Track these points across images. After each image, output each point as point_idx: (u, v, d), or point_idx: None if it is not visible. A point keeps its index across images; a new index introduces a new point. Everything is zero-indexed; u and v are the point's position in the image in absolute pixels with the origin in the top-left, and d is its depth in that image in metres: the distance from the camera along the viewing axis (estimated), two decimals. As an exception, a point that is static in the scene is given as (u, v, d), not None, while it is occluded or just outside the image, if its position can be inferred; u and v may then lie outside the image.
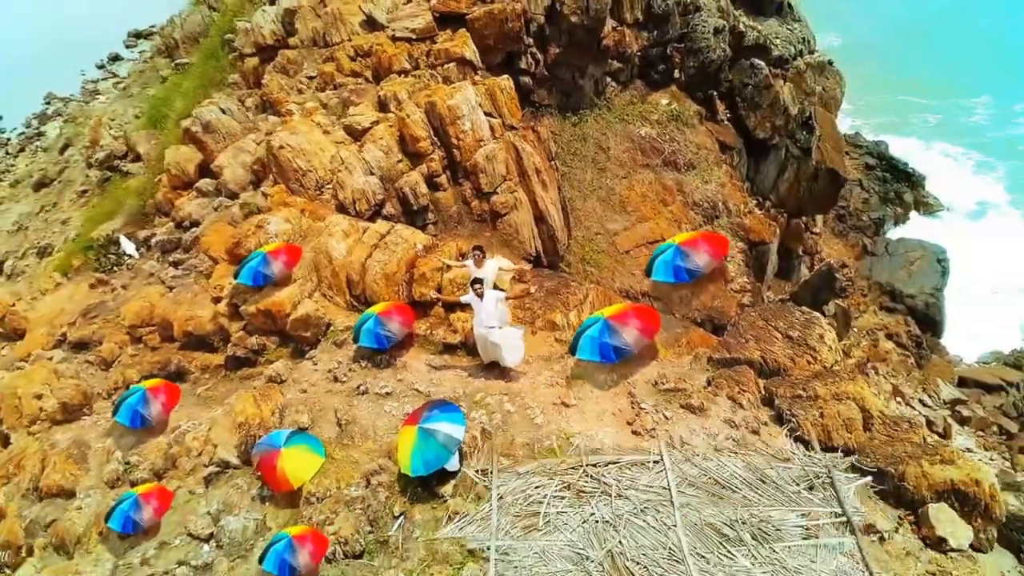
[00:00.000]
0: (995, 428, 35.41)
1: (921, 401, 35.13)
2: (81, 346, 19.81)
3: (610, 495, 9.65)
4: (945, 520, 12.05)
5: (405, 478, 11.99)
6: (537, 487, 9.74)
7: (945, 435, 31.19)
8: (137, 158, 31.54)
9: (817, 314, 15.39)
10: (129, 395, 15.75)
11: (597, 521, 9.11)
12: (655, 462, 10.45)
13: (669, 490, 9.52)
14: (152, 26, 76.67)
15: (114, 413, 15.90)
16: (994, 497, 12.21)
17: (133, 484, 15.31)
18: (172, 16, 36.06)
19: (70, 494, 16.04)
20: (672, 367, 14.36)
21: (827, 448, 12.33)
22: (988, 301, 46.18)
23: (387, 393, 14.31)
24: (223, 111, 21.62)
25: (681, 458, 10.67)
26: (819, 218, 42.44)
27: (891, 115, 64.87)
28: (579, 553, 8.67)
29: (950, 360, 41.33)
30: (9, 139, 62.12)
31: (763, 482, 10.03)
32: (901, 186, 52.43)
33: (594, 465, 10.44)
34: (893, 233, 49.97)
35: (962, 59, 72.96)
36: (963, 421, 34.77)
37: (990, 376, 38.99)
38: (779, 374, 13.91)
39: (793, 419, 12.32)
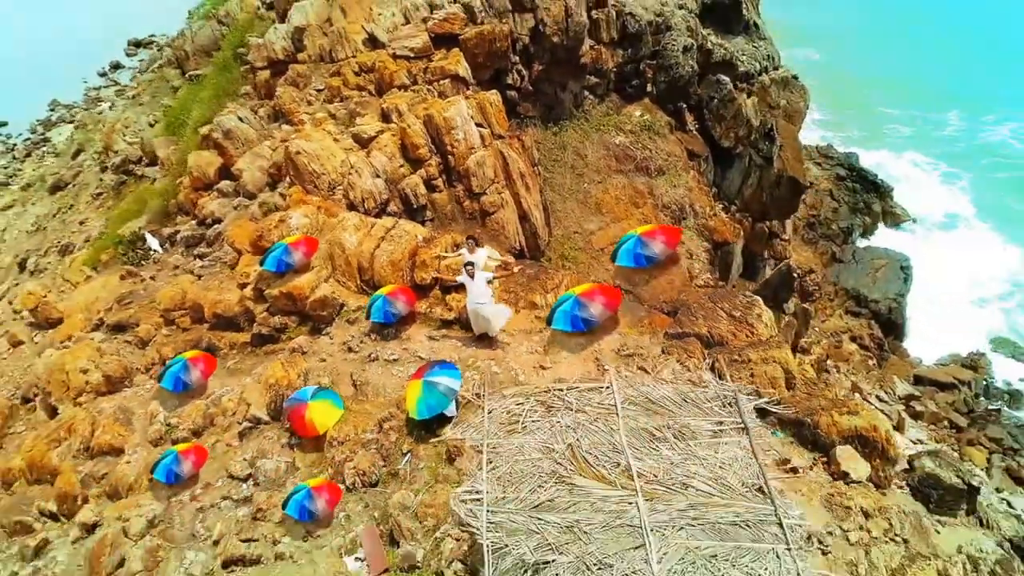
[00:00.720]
0: (946, 422, 38.76)
1: (878, 396, 38.61)
2: (119, 328, 22.49)
3: (571, 409, 12.54)
4: (848, 458, 14.98)
5: (412, 422, 14.81)
6: (518, 404, 12.59)
7: (899, 428, 34.45)
8: (152, 162, 34.23)
9: (757, 297, 18.19)
10: (172, 364, 18.50)
11: (561, 426, 12.02)
12: (606, 387, 13.37)
13: (615, 406, 12.44)
14: (151, 35, 79.68)
15: (159, 380, 18.65)
16: (889, 441, 15.13)
17: (174, 442, 18.04)
18: (183, 30, 38.58)
19: (119, 451, 18.69)
20: (633, 340, 17.22)
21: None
22: (955, 309, 49.09)
23: (394, 360, 17.14)
24: (241, 119, 24.35)
25: (626, 385, 13.58)
26: (788, 225, 45.16)
27: (865, 127, 68.16)
28: (547, 446, 11.57)
29: (910, 361, 44.39)
30: (15, 144, 64.65)
31: (686, 401, 12.98)
32: (870, 197, 55.52)
33: (560, 389, 13.34)
34: (869, 241, 53.22)
35: (934, 73, 76.52)
36: (916, 415, 38.11)
37: (944, 375, 42.34)
38: (722, 345, 16.78)
39: (728, 378, 15.20)
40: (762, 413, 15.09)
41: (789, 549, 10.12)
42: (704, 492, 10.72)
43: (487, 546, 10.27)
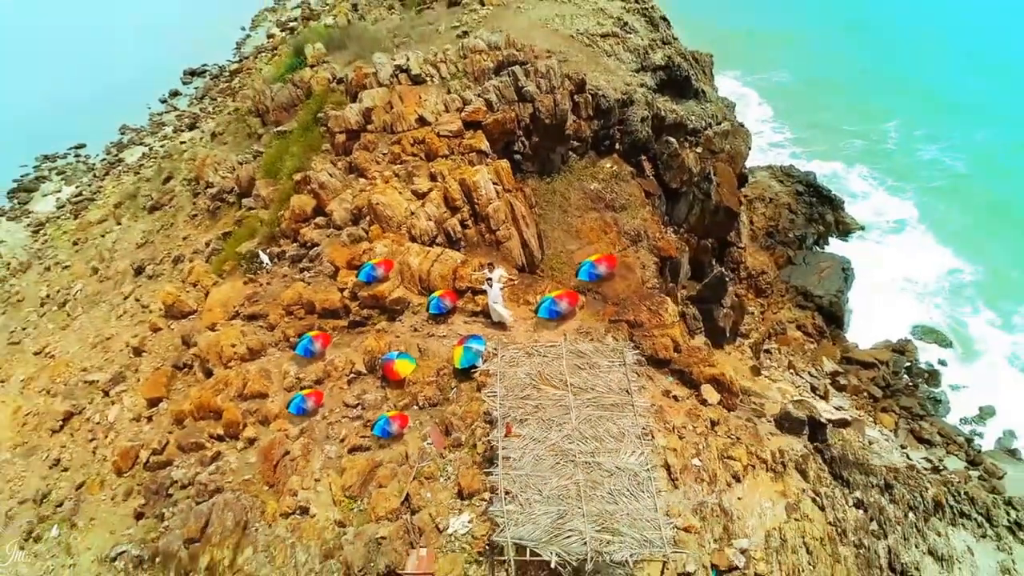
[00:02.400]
0: (865, 394, 49.92)
1: (809, 372, 49.92)
2: (252, 317, 33.51)
3: (541, 356, 23.55)
4: (707, 391, 26.24)
5: (456, 370, 25.99)
6: (514, 353, 23.69)
7: (824, 397, 46.05)
8: (245, 195, 45.01)
9: (667, 297, 29.31)
10: (303, 339, 29.62)
11: (535, 363, 23.07)
12: (559, 345, 24.44)
13: (563, 355, 23.52)
14: (203, 65, 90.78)
15: (293, 348, 29.81)
16: (732, 381, 26.35)
17: (301, 389, 29.16)
18: (267, 88, 49.09)
19: (264, 396, 29.68)
20: (589, 324, 28.42)
21: (653, 360, 26.55)
22: (892, 302, 60.04)
23: (443, 336, 28.33)
24: (330, 175, 35.54)
25: (569, 344, 24.61)
26: (744, 235, 56.17)
27: (824, 142, 79.08)
28: (528, 372, 22.62)
29: (846, 345, 55.44)
30: (95, 164, 75.63)
31: (598, 352, 24.00)
32: (824, 209, 66.38)
33: (536, 346, 24.50)
34: (823, 247, 64.19)
35: (882, 92, 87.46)
36: (841, 388, 49.32)
37: (868, 356, 53.50)
38: (640, 326, 27.95)
39: (637, 344, 26.34)
40: (661, 365, 26.36)
41: (636, 415, 21.25)
42: (599, 391, 21.86)
43: (499, 411, 21.50)
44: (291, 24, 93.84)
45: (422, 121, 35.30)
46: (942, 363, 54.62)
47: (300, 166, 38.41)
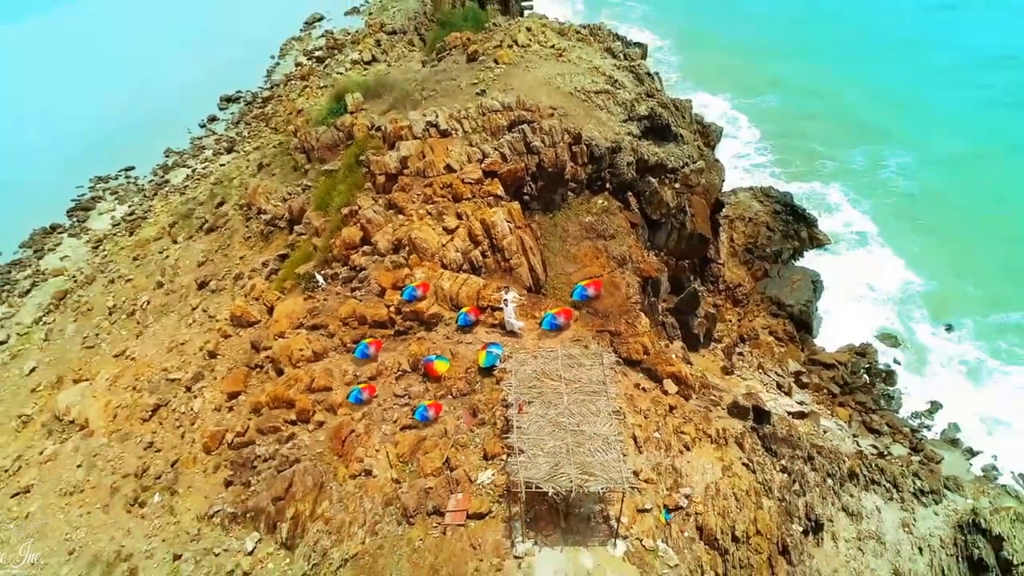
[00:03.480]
0: (825, 391, 58.72)
1: (776, 372, 58.85)
2: (314, 327, 42.58)
3: (543, 358, 32.42)
4: (668, 384, 35.30)
5: (481, 369, 35.10)
6: (524, 356, 32.67)
7: (788, 393, 55.11)
8: (296, 222, 54.01)
9: (641, 313, 38.35)
10: (360, 344, 38.70)
11: (538, 363, 31.85)
12: (557, 350, 33.38)
13: (559, 356, 32.46)
14: (238, 91, 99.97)
15: (354, 352, 38.91)
16: (686, 375, 35.41)
17: (359, 383, 38.20)
18: (312, 129, 57.99)
19: (328, 389, 38.78)
20: (580, 334, 37.52)
21: (629, 361, 35.59)
22: (856, 310, 69.21)
23: (470, 343, 37.38)
24: (375, 212, 44.66)
25: (564, 350, 33.50)
26: (723, 252, 65.15)
27: (804, 163, 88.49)
28: (533, 370, 31.52)
29: (813, 349, 64.29)
30: (144, 186, 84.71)
31: (583, 354, 32.91)
32: (799, 226, 75.27)
33: (540, 351, 33.52)
34: (797, 261, 73.18)
35: (854, 115, 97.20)
36: (803, 386, 58.16)
37: (829, 358, 62.33)
38: (619, 335, 37.02)
39: (616, 349, 35.40)
40: (633, 364, 35.48)
41: (608, 399, 30.28)
42: (583, 382, 30.89)
43: (513, 397, 30.59)
44: (317, 53, 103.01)
45: (449, 168, 44.35)
46: (897, 363, 63.71)
47: (347, 201, 47.49)
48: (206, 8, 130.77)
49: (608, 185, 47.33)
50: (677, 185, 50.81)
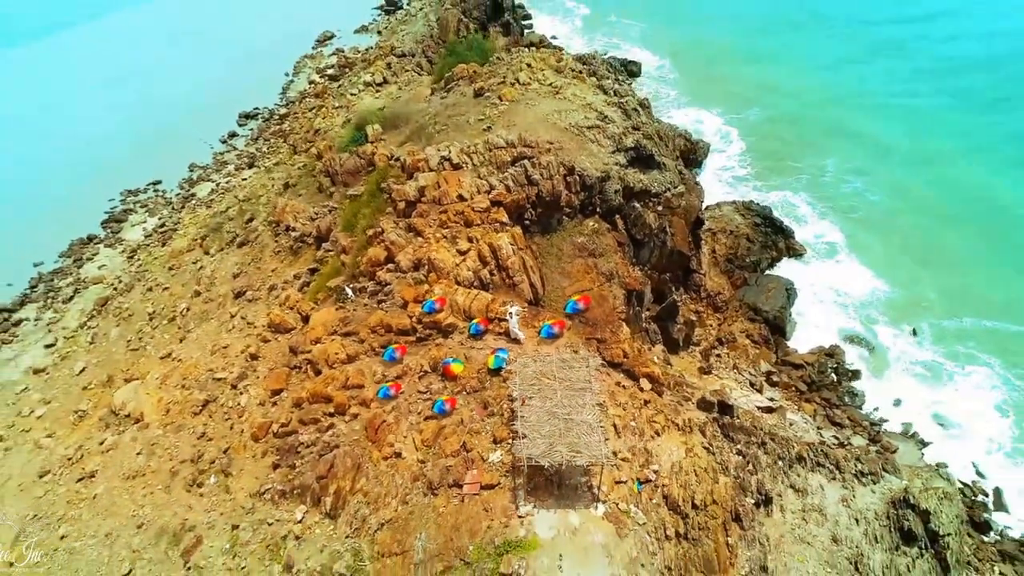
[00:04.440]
0: (794, 388, 66.81)
1: (750, 372, 67.03)
2: (346, 334, 50.84)
3: (541, 362, 40.81)
4: (644, 382, 43.67)
5: (490, 370, 43.41)
6: (526, 360, 40.90)
7: (760, 390, 63.65)
8: (323, 240, 62.30)
9: (623, 323, 46.70)
10: (388, 349, 47.03)
11: (537, 365, 40.24)
12: (552, 356, 41.76)
13: (554, 360, 40.78)
14: (255, 108, 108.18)
15: (383, 355, 47.23)
16: (659, 375, 43.81)
17: (387, 381, 46.52)
18: (336, 156, 66.32)
19: (361, 387, 47.03)
20: (572, 341, 45.92)
21: (612, 363, 43.99)
22: (826, 314, 77.56)
23: (480, 348, 45.67)
24: (397, 236, 52.98)
25: (558, 355, 41.89)
26: (704, 262, 73.35)
27: (779, 175, 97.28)
28: (534, 371, 39.84)
29: (786, 350, 72.44)
30: (171, 198, 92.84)
31: (574, 358, 41.16)
32: (777, 237, 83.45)
33: (538, 356, 41.88)
34: (772, 270, 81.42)
35: (830, 124, 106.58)
36: (774, 384, 66.27)
37: (798, 359, 70.26)
38: (604, 342, 45.42)
39: (601, 353, 43.78)
40: (615, 366, 43.89)
41: (592, 395, 38.68)
42: (573, 381, 39.25)
43: (517, 393, 39.02)
44: (329, 71, 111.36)
45: (461, 198, 52.67)
46: (864, 361, 71.87)
47: (371, 224, 55.81)
48: (220, 26, 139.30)
49: (598, 209, 55.38)
50: (660, 208, 58.92)
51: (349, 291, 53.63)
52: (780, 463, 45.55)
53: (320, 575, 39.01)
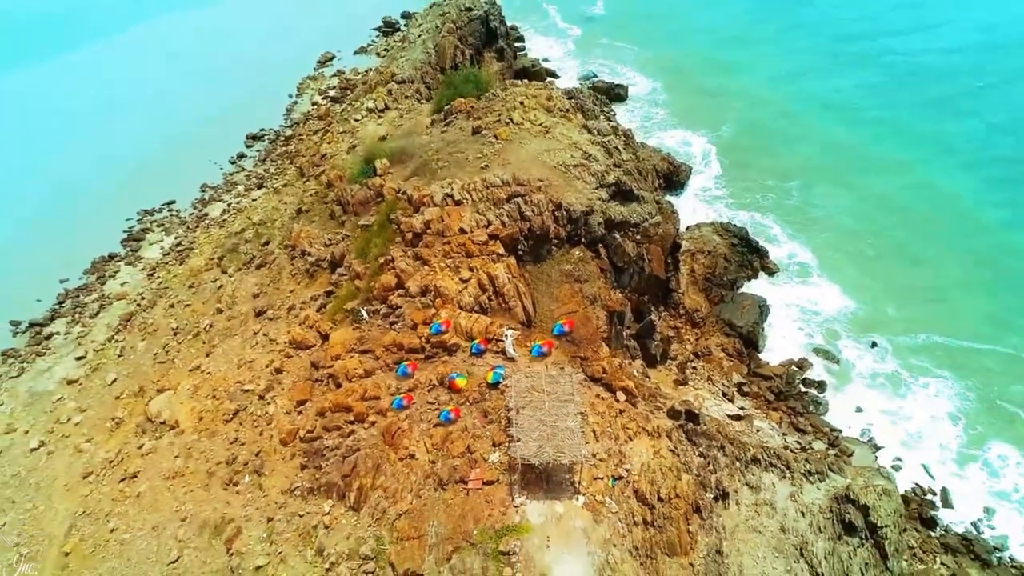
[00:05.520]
0: (762, 398, 76.25)
1: (722, 383, 76.80)
2: (363, 352, 60.08)
3: (531, 377, 50.36)
4: (620, 395, 53.21)
5: (489, 384, 52.81)
6: (519, 374, 50.34)
7: (731, 400, 73.69)
8: (337, 265, 71.62)
9: (603, 343, 56.20)
10: (400, 365, 56.46)
11: (527, 379, 49.78)
12: (540, 372, 51.28)
13: (542, 376, 50.24)
14: (262, 129, 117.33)
15: (396, 371, 56.64)
16: (633, 388, 53.36)
17: (400, 394, 55.88)
18: (348, 187, 75.68)
19: (377, 398, 56.26)
20: (559, 359, 55.47)
21: (593, 378, 53.57)
22: (796, 329, 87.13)
23: (481, 365, 55.02)
24: (407, 265, 62.39)
25: (545, 370, 51.42)
26: (683, 282, 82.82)
27: (750, 196, 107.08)
28: (525, 385, 49.26)
29: (758, 362, 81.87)
30: (186, 218, 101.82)
31: (559, 374, 50.68)
32: (753, 257, 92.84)
33: (528, 371, 51.44)
34: (747, 288, 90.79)
35: (793, 152, 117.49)
36: (744, 394, 75.80)
37: (767, 371, 79.63)
38: (586, 359, 54.96)
39: (583, 369, 53.31)
40: (596, 380, 53.46)
41: (575, 404, 48.30)
42: (559, 393, 48.75)
43: (513, 403, 48.60)
44: (331, 92, 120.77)
45: (462, 231, 62.02)
46: (830, 372, 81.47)
47: (383, 252, 65.07)
48: (223, 46, 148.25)
49: (583, 240, 64.65)
50: (638, 237, 68.30)
51: (364, 313, 62.80)
52: (737, 463, 54.98)
53: (348, 557, 48.07)
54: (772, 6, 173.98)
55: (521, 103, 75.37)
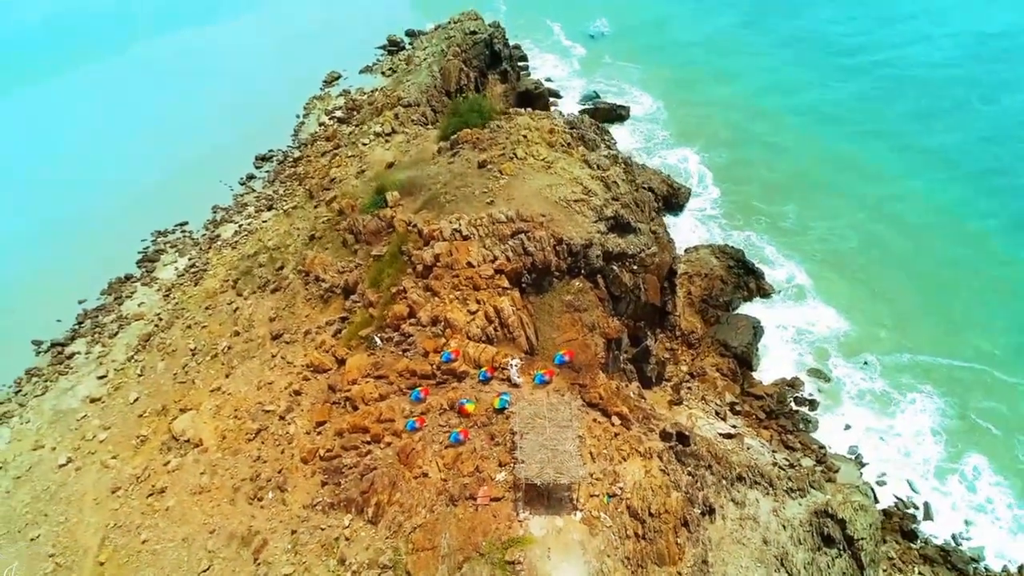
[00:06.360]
0: (754, 417, 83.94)
1: (716, 403, 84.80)
2: (378, 377, 67.41)
3: (533, 405, 57.92)
4: (615, 419, 60.63)
5: (495, 409, 60.14)
6: (522, 401, 57.78)
7: (724, 419, 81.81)
8: (351, 292, 79.01)
9: (600, 372, 63.67)
10: (414, 391, 63.81)
11: (530, 405, 57.32)
12: (543, 398, 58.85)
13: (544, 403, 57.73)
14: (270, 150, 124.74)
15: (410, 396, 64.04)
16: (626, 413, 60.86)
17: (413, 416, 63.27)
18: (360, 217, 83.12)
19: (392, 420, 63.29)
20: (560, 386, 63.00)
21: (590, 404, 61.14)
22: (790, 349, 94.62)
23: (488, 392, 62.25)
24: (418, 296, 69.85)
25: (546, 396, 58.99)
26: (679, 305, 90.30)
27: (744, 217, 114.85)
28: (529, 411, 56.72)
29: (751, 382, 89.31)
30: (199, 239, 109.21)
31: (559, 401, 58.06)
32: (749, 278, 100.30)
33: (531, 398, 59.02)
34: (743, 309, 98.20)
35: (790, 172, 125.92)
36: (737, 413, 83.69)
37: (760, 390, 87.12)
38: (585, 387, 62.47)
39: (582, 396, 60.82)
40: (593, 406, 60.99)
41: (573, 430, 55.86)
42: (558, 419, 56.19)
43: (517, 428, 56.19)
44: (337, 113, 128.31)
45: (470, 265, 69.45)
46: (821, 392, 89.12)
47: (395, 282, 72.48)
48: (228, 65, 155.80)
49: (582, 271, 71.93)
50: (635, 267, 75.78)
51: (378, 340, 70.07)
52: (724, 481, 62.46)
53: (368, 566, 55.32)
54: (771, 23, 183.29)
55: (524, 136, 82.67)
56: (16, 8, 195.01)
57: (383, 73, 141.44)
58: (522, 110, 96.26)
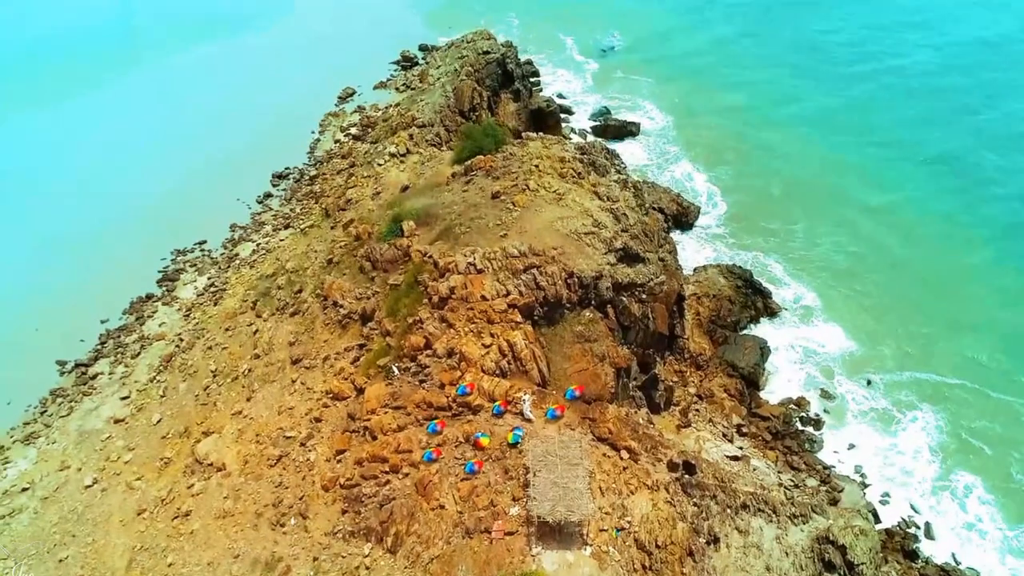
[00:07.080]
0: (760, 438, 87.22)
1: (723, 424, 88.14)
2: (396, 407, 70.87)
3: (545, 442, 61.31)
4: (623, 452, 64.03)
5: (509, 443, 63.46)
6: (536, 438, 61.23)
7: (731, 440, 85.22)
8: (365, 318, 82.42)
9: (610, 405, 66.94)
10: (431, 422, 67.24)
11: (543, 442, 60.71)
12: (555, 434, 62.26)
13: (556, 439, 61.13)
14: (286, 167, 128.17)
15: (427, 428, 67.39)
16: (635, 447, 64.15)
17: (430, 447, 66.60)
18: (377, 245, 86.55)
19: (410, 451, 66.67)
20: (571, 420, 66.34)
21: (600, 438, 64.49)
22: (796, 369, 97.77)
23: (501, 426, 65.56)
24: (435, 328, 73.19)
25: (556, 432, 62.42)
26: (688, 327, 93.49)
27: (753, 236, 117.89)
28: (542, 447, 60.06)
29: (758, 402, 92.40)
30: (217, 258, 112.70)
31: (569, 438, 61.40)
32: (756, 298, 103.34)
33: (544, 435, 62.43)
34: (750, 329, 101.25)
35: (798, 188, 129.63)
36: (743, 434, 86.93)
37: (766, 411, 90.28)
38: (595, 421, 65.79)
39: (592, 430, 64.16)
40: (603, 440, 64.34)
41: (583, 467, 59.25)
42: (568, 456, 59.51)
43: (530, 463, 59.57)
44: (352, 130, 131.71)
45: (483, 298, 72.75)
46: (826, 412, 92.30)
47: (411, 312, 75.83)
48: (244, 81, 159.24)
49: (592, 302, 75.09)
50: (644, 296, 79.01)
51: (396, 370, 73.45)
52: (728, 510, 65.77)
53: (388, 594, 59.16)
54: (774, 32, 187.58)
55: (536, 167, 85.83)
56: (28, 25, 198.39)
57: (397, 89, 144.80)
58: (534, 135, 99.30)
